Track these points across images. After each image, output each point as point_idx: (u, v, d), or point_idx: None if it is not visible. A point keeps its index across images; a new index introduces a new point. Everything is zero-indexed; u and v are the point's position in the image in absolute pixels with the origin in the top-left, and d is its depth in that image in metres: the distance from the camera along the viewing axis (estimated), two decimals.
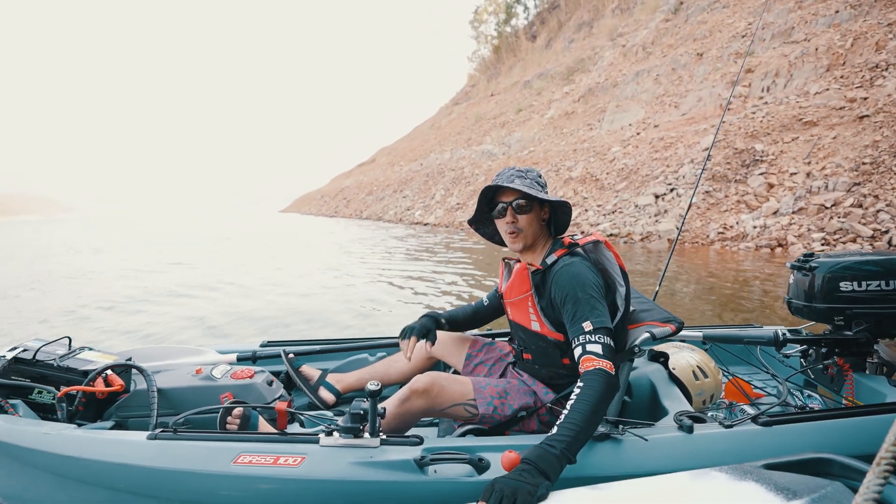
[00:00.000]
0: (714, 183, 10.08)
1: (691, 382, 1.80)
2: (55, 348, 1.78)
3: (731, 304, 4.96)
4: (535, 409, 1.57)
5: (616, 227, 10.75)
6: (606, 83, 21.98)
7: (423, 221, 20.20)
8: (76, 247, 17.53)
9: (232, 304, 6.14)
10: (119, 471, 1.39)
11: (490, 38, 47.69)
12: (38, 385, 1.67)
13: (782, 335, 1.78)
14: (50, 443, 1.45)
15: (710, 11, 20.56)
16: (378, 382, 1.30)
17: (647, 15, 26.21)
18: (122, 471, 1.39)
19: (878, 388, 1.70)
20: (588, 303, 1.40)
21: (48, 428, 1.50)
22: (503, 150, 24.11)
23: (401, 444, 1.36)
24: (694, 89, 16.00)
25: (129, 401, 1.74)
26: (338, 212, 35.80)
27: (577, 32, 34.63)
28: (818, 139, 9.61)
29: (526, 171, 1.59)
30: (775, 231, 8.04)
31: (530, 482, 1.03)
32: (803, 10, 14.96)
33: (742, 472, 0.93)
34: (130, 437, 1.45)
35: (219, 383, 1.76)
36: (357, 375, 2.00)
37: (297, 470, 1.30)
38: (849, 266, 1.71)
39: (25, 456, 1.47)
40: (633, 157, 13.64)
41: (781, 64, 13.01)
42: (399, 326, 4.85)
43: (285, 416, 1.62)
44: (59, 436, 1.47)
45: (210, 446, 1.38)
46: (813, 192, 8.39)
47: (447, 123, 39.64)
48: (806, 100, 11.18)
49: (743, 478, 0.91)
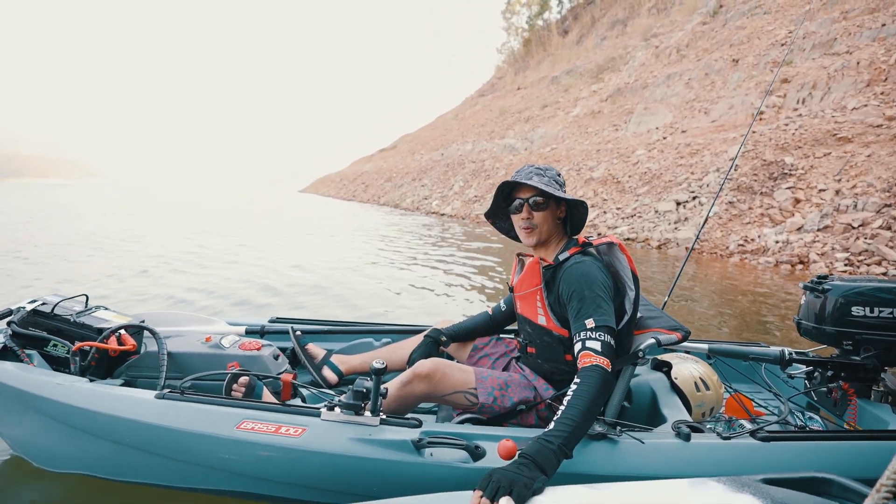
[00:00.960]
0: (739, 194, 9.86)
1: (692, 394, 1.80)
2: (72, 304, 1.86)
3: (743, 319, 4.88)
4: (534, 404, 1.59)
5: (634, 231, 10.61)
6: (636, 84, 21.55)
7: (439, 212, 20.19)
8: (112, 211, 18.04)
9: (249, 275, 6.26)
10: (126, 426, 1.45)
11: (521, 30, 47.03)
12: (55, 338, 1.74)
13: (788, 355, 1.77)
14: (62, 393, 1.51)
15: (750, 17, 19.95)
16: (383, 361, 1.32)
17: (685, 16, 25.55)
18: (128, 426, 1.45)
19: (882, 416, 1.69)
20: (593, 301, 1.41)
21: (61, 379, 1.57)
22: (525, 146, 23.89)
23: (400, 425, 1.39)
24: (726, 96, 15.60)
25: (140, 361, 1.81)
26: (355, 196, 35.98)
27: (610, 30, 33.95)
28: (851, 156, 9.31)
29: (545, 168, 1.60)
30: (798, 248, 7.86)
31: (527, 475, 1.05)
32: (848, 21, 14.42)
33: (740, 484, 0.93)
34: (139, 395, 1.51)
35: (227, 352, 1.82)
36: (361, 359, 2.03)
37: (298, 440, 1.33)
38: (863, 292, 1.70)
39: (38, 404, 1.54)
40: (657, 162, 13.40)
41: (820, 76, 12.59)
42: (411, 315, 4.86)
43: (290, 387, 1.66)
44: (71, 387, 1.53)
45: (215, 410, 1.43)
46: (841, 211, 8.16)
47: (471, 114, 39.37)
48: (842, 115, 10.82)
49: (741, 490, 0.90)
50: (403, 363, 1.96)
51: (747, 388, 2.17)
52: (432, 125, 48.92)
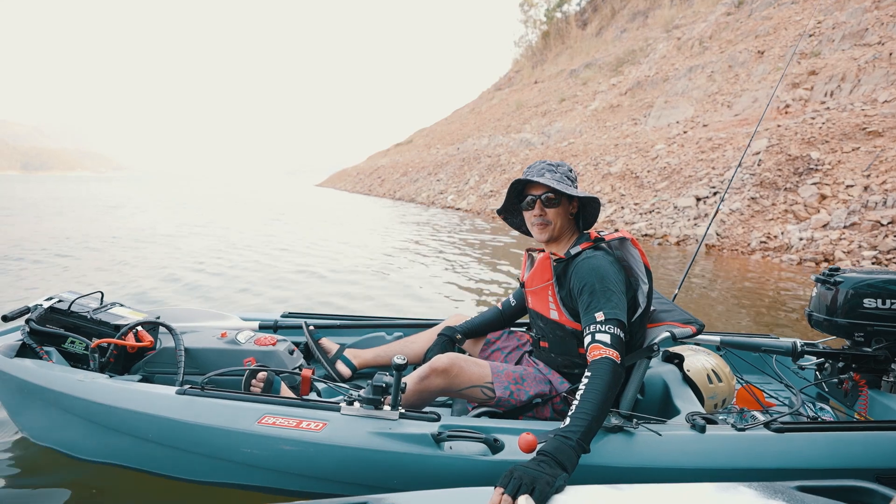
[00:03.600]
0: (762, 189, 9.61)
1: (705, 385, 1.81)
2: (88, 301, 1.88)
3: (759, 317, 4.78)
4: (549, 398, 1.60)
5: (652, 227, 10.44)
6: (657, 77, 21.12)
7: (455, 206, 20.17)
8: (140, 205, 18.47)
9: (270, 268, 6.35)
10: (148, 421, 1.48)
11: (539, 22, 46.33)
12: (72, 335, 1.76)
13: (800, 346, 1.80)
14: (84, 389, 1.55)
15: (777, 7, 19.34)
16: (404, 357, 1.34)
17: (708, 7, 24.89)
18: (150, 421, 1.48)
19: (893, 406, 1.70)
20: (604, 294, 1.41)
21: (82, 376, 1.60)
22: (542, 140, 23.65)
23: (419, 419, 1.40)
24: (750, 89, 15.19)
25: (157, 357, 1.84)
26: (372, 190, 36.13)
27: (630, 22, 33.28)
28: (881, 151, 8.99)
29: (557, 164, 1.60)
30: (822, 245, 7.64)
31: (549, 472, 1.05)
32: (880, 10, 13.87)
33: (773, 490, 0.90)
34: (160, 391, 1.54)
35: (243, 348, 1.84)
36: (374, 353, 2.05)
37: (319, 434, 1.35)
38: (874, 283, 1.71)
39: (59, 400, 1.57)
40: (677, 157, 13.14)
41: (849, 67, 12.17)
42: (423, 308, 4.86)
43: (309, 382, 1.67)
44: (92, 383, 1.57)
45: (236, 405, 1.45)
46: (869, 207, 7.90)
47: (487, 109, 39.10)
48: (872, 108, 10.45)
49: (773, 496, 0.88)
50: (416, 357, 1.97)
51: (757, 380, 2.16)
52: (448, 119, 48.75)
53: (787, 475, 1.30)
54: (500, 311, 1.96)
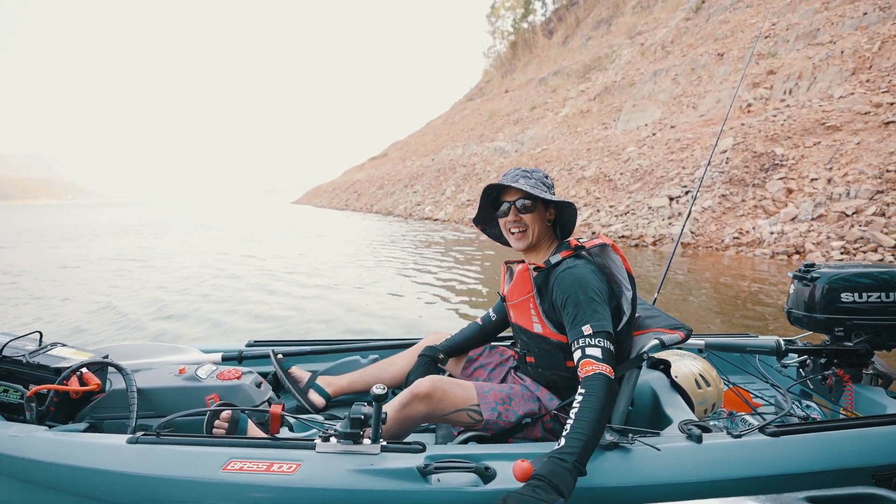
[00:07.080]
0: (731, 186, 9.85)
1: (694, 391, 1.76)
2: (24, 343, 1.67)
3: (737, 312, 4.82)
4: (539, 416, 1.51)
5: (628, 228, 10.57)
6: (623, 82, 21.65)
7: (432, 217, 20.14)
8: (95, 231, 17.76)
9: (228, 298, 6.12)
10: (96, 477, 1.31)
11: (506, 33, 47.28)
12: (5, 383, 1.55)
13: (784, 345, 1.78)
14: (19, 446, 1.37)
15: (732, 11, 20.11)
16: (384, 386, 1.22)
17: (668, 13, 25.75)
18: (99, 477, 1.30)
19: (878, 399, 1.70)
20: (589, 306, 1.35)
21: (16, 430, 1.42)
22: (516, 148, 23.92)
23: (403, 451, 1.29)
24: (713, 90, 15.67)
25: (106, 401, 1.65)
26: (348, 205, 35.91)
27: (594, 30, 34.19)
28: (841, 144, 9.33)
29: (532, 171, 1.54)
30: (793, 238, 7.83)
31: (544, 499, 1.00)
32: (830, 11, 14.54)
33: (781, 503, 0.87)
34: (109, 441, 1.37)
35: (204, 384, 1.68)
36: (349, 378, 1.93)
37: (292, 477, 1.22)
38: (850, 277, 1.71)
39: None
40: (648, 158, 13.41)
41: (805, 66, 12.66)
42: (398, 328, 4.69)
43: (279, 419, 1.53)
44: (28, 438, 1.39)
45: (197, 451, 1.30)
46: (834, 199, 8.16)
47: (460, 119, 39.46)
48: (829, 104, 10.87)
49: None
50: (395, 380, 1.86)
51: (741, 380, 2.13)
52: (422, 131, 49.02)
53: (787, 481, 1.26)
54: (480, 326, 1.87)
